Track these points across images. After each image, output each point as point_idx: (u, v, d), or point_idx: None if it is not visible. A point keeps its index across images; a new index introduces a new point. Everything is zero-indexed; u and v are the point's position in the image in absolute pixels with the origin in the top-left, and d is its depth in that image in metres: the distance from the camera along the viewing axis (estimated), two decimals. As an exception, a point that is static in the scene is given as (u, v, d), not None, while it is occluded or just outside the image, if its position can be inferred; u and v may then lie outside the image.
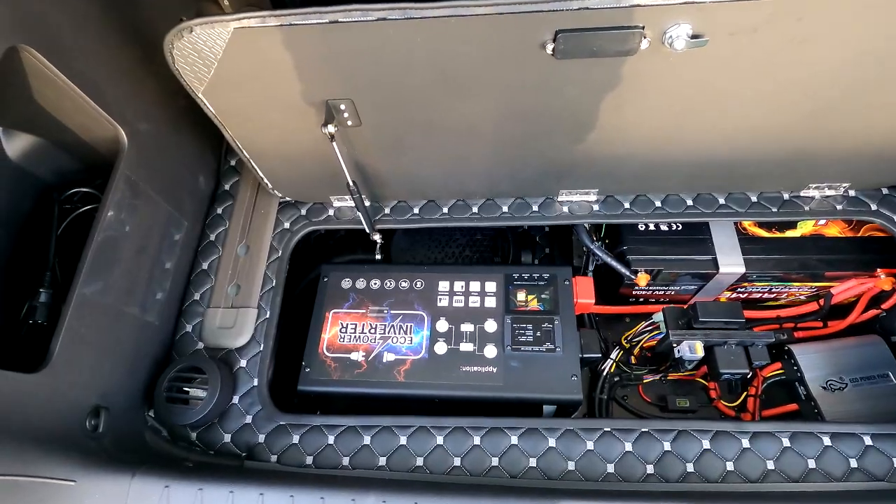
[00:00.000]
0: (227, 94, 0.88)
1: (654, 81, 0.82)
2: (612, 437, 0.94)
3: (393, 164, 1.08)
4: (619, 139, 0.97)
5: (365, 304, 1.21)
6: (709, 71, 0.80)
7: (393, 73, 0.83)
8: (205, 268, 1.18)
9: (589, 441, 0.94)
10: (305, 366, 1.14)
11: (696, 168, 1.07)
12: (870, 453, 0.90)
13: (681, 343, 1.10)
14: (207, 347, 1.09)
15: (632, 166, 1.06)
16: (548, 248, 1.57)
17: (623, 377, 1.32)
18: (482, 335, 1.15)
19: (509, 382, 1.08)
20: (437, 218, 1.20)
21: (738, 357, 1.10)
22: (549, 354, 1.11)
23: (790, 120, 0.90)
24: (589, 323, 1.39)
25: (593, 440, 0.94)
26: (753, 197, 1.15)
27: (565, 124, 0.93)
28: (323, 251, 1.46)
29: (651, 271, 1.23)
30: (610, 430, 0.95)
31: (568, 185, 1.15)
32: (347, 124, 0.94)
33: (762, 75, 0.80)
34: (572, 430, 0.96)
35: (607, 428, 0.95)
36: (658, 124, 0.93)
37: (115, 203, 0.93)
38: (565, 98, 0.87)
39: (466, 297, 1.20)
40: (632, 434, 0.94)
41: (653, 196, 1.18)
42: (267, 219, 1.22)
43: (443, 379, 1.10)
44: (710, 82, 0.82)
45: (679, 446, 0.93)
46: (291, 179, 1.14)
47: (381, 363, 1.13)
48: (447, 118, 0.94)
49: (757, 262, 1.20)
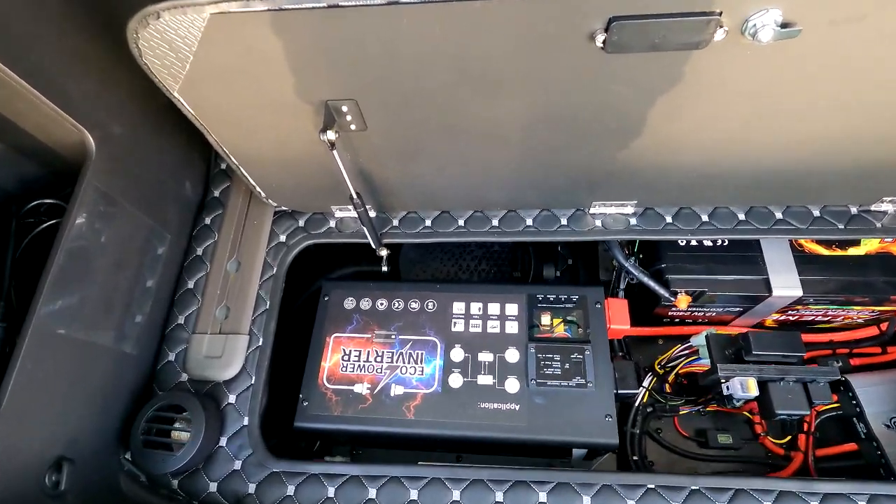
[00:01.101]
0: (208, 92, 0.74)
1: (725, 81, 0.68)
2: (656, 496, 0.81)
3: (403, 173, 0.94)
4: (669, 147, 0.83)
5: (370, 327, 1.08)
6: (795, 68, 0.65)
7: (406, 70, 0.69)
8: (190, 287, 1.05)
9: (630, 500, 0.81)
10: (303, 399, 1.01)
11: (753, 179, 0.92)
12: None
13: (731, 379, 0.97)
14: (192, 379, 0.96)
15: (679, 176, 0.92)
16: (570, 260, 1.43)
17: (657, 408, 1.19)
18: (503, 366, 1.01)
19: (534, 422, 0.95)
20: (452, 232, 1.06)
21: (797, 395, 0.96)
22: (579, 390, 0.97)
23: (887, 126, 0.75)
24: (619, 346, 1.25)
25: (635, 499, 0.81)
26: (816, 211, 1.01)
27: (608, 129, 0.79)
28: (324, 260, 1.33)
29: (693, 292, 1.09)
30: (654, 486, 0.82)
31: (602, 196, 1.01)
32: (350, 128, 0.80)
33: (862, 73, 0.65)
34: (610, 486, 0.83)
35: (651, 485, 0.82)
36: (719, 131, 0.78)
37: (82, 214, 0.80)
38: (612, 99, 0.73)
39: (484, 320, 1.07)
40: (680, 493, 0.81)
41: (699, 209, 1.03)
42: (260, 231, 1.09)
43: (458, 417, 0.97)
44: (793, 81, 0.67)
45: (735, 509, 0.79)
46: (287, 188, 1.01)
47: (389, 397, 1.00)
48: (470, 122, 0.79)
49: (815, 284, 1.06)
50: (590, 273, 1.37)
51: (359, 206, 0.91)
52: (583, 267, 1.40)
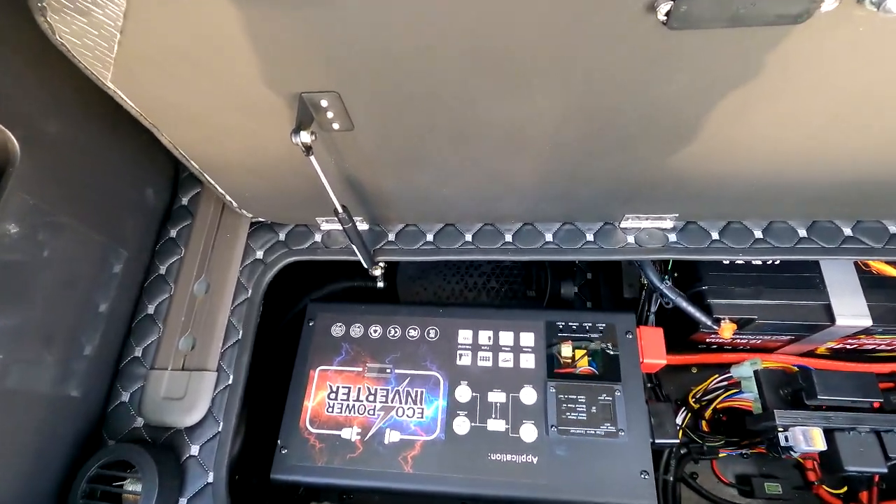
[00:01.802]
0: (150, 83, 0.58)
1: (822, 68, 0.51)
2: (710, 583, 0.66)
3: (400, 181, 0.78)
4: (730, 152, 0.67)
5: (362, 359, 0.92)
6: (890, 59, 0.49)
7: (402, 58, 0.53)
8: (151, 312, 0.89)
9: (677, 589, 0.66)
10: (282, 446, 0.86)
11: (826, 190, 0.76)
12: None
13: (791, 428, 0.81)
14: (148, 425, 0.81)
15: (735, 187, 0.76)
16: (590, 274, 1.27)
17: (692, 449, 1.03)
18: (517, 408, 0.86)
19: (555, 478, 0.80)
20: (458, 248, 0.90)
21: (870, 448, 0.80)
22: (608, 440, 0.82)
23: None
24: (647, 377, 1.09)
25: (684, 588, 0.66)
26: (892, 227, 0.84)
27: (659, 131, 0.63)
28: (312, 274, 1.17)
29: (739, 319, 0.93)
30: (707, 571, 0.66)
31: (637, 209, 0.85)
32: (333, 127, 0.64)
33: None
34: (652, 568, 0.67)
35: (703, 569, 0.67)
36: (796, 133, 0.62)
37: (10, 225, 0.65)
38: (669, 93, 0.57)
39: (496, 352, 0.91)
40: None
41: (751, 223, 0.87)
42: (234, 246, 0.93)
43: (465, 471, 0.82)
44: (887, 76, 0.51)
45: None
46: (262, 197, 0.85)
47: (383, 445, 0.85)
48: (486, 124, 0.64)
49: (887, 312, 0.90)
50: (613, 291, 1.21)
51: (345, 221, 0.75)
52: (604, 283, 1.24)
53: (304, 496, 1.03)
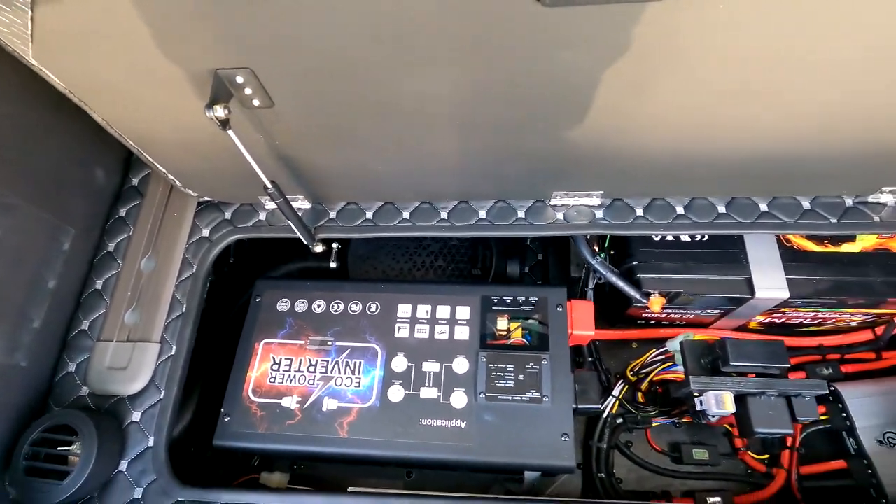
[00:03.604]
0: (70, 60, 0.61)
1: (697, 43, 0.55)
2: (613, 532, 0.70)
3: (331, 158, 0.81)
4: (636, 128, 0.70)
5: (305, 332, 0.96)
6: (788, 26, 0.52)
7: (309, 32, 0.56)
8: (98, 287, 0.93)
9: (582, 538, 0.70)
10: (225, 414, 0.90)
11: (735, 166, 0.80)
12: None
13: (705, 393, 0.85)
14: (93, 394, 0.85)
15: (650, 163, 0.79)
16: (540, 255, 1.31)
17: (628, 419, 1.08)
18: (450, 377, 0.90)
19: (482, 442, 0.84)
20: (396, 225, 0.94)
21: (779, 411, 0.85)
22: (533, 406, 0.86)
23: (884, 102, 0.63)
24: (588, 351, 1.14)
25: (588, 537, 0.70)
26: (806, 203, 0.89)
27: (561, 107, 0.66)
28: (275, 255, 1.21)
29: (667, 294, 0.97)
30: (610, 522, 0.71)
31: (564, 186, 0.88)
32: (253, 104, 0.67)
33: (873, 31, 0.53)
34: (560, 520, 0.72)
35: (607, 519, 0.71)
36: (691, 109, 0.66)
37: None
38: (559, 69, 0.60)
39: (432, 325, 0.95)
40: (640, 530, 0.70)
41: (673, 200, 0.91)
42: (181, 224, 0.96)
43: (397, 435, 0.86)
44: (784, 44, 0.55)
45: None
46: (203, 175, 0.88)
47: (320, 412, 0.89)
48: (397, 98, 0.67)
49: (804, 285, 0.94)
50: (561, 270, 1.25)
51: (276, 196, 0.78)
52: (554, 263, 1.28)
53: (258, 466, 1.07)
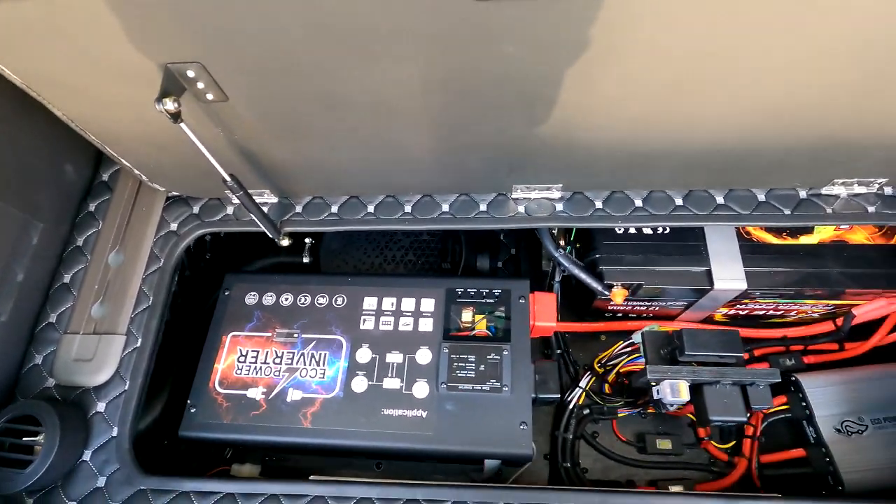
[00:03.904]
0: (26, 54, 0.63)
1: (634, 37, 0.56)
2: (561, 516, 0.72)
3: (292, 152, 0.83)
4: (587, 121, 0.72)
5: (272, 325, 0.97)
6: (723, 20, 0.54)
7: (258, 27, 0.57)
8: (67, 281, 0.94)
9: (532, 522, 0.72)
10: (191, 405, 0.91)
11: (689, 159, 0.81)
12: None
13: (661, 382, 0.87)
14: (59, 385, 0.86)
15: (606, 156, 0.81)
16: (513, 249, 1.32)
17: (594, 410, 1.10)
18: (412, 368, 0.91)
19: (442, 431, 0.86)
20: (360, 219, 0.95)
21: (734, 400, 0.86)
22: (493, 395, 0.88)
23: (830, 95, 0.64)
24: (556, 343, 1.16)
25: (537, 521, 0.72)
26: (761, 195, 0.90)
27: (512, 99, 0.68)
28: (244, 252, 1.22)
29: (629, 286, 0.99)
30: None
31: (524, 179, 0.90)
32: (207, 98, 0.68)
33: (804, 29, 0.54)
34: None
35: (557, 503, 0.73)
36: (639, 101, 0.67)
37: None
38: (503, 64, 0.62)
39: (397, 317, 0.97)
40: (587, 514, 0.72)
41: (632, 193, 0.92)
42: (149, 218, 0.98)
43: (359, 425, 0.87)
44: (723, 39, 0.56)
45: (651, 532, 0.70)
46: (167, 169, 0.89)
47: (285, 403, 0.90)
48: (349, 92, 0.68)
49: (762, 277, 0.96)
50: (532, 264, 1.27)
51: (235, 190, 0.80)
52: (525, 258, 1.29)
53: (230, 458, 1.08)
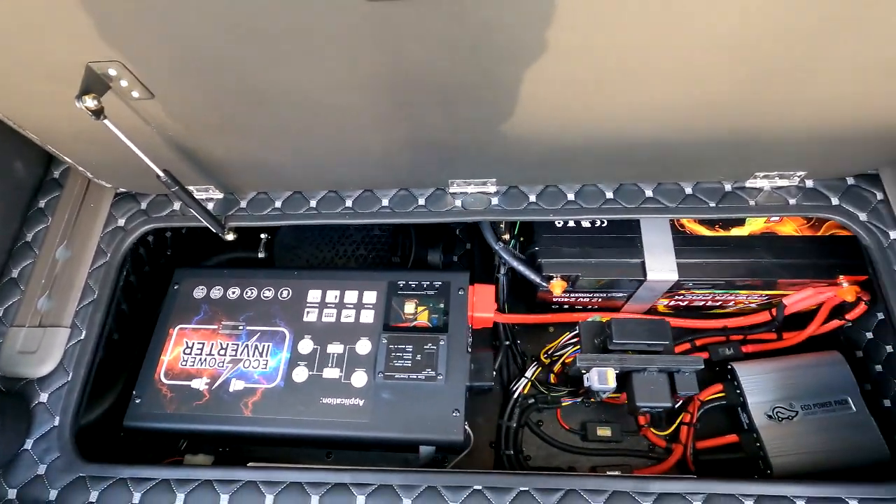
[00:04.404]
0: (-51, 53, 0.65)
1: (538, 36, 0.59)
2: (481, 497, 0.75)
3: (228, 149, 0.85)
4: (505, 118, 0.74)
5: (218, 317, 1.00)
6: (618, 23, 0.56)
7: (173, 24, 0.60)
8: (14, 276, 0.96)
9: (452, 503, 0.75)
10: (136, 396, 0.93)
11: (612, 153, 0.84)
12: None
13: (590, 370, 0.90)
14: (4, 377, 0.88)
15: (531, 151, 0.84)
16: (468, 244, 1.35)
17: (539, 399, 1.12)
18: (352, 358, 0.94)
19: (377, 418, 0.88)
20: (303, 214, 0.97)
21: (660, 387, 0.89)
22: (428, 384, 0.90)
23: (722, 91, 0.67)
24: (504, 335, 1.18)
25: (458, 501, 0.75)
26: (688, 188, 0.93)
27: (430, 97, 0.70)
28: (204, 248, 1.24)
29: (567, 277, 1.02)
30: (480, 488, 0.75)
31: (459, 175, 0.93)
32: (133, 96, 0.71)
33: (680, 27, 0.57)
34: (435, 487, 0.76)
35: (478, 486, 0.75)
36: (552, 98, 0.70)
37: None
38: (414, 61, 0.64)
39: (339, 309, 0.99)
40: (506, 494, 0.75)
41: (565, 187, 0.95)
42: (96, 214, 1.00)
43: (298, 414, 0.90)
44: (619, 38, 0.59)
45: (565, 511, 0.73)
46: (108, 166, 0.92)
47: (227, 393, 0.93)
48: (274, 88, 0.71)
49: (693, 268, 0.99)
50: (485, 258, 1.29)
51: (171, 186, 0.82)
52: (479, 252, 1.32)
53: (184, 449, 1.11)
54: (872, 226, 0.87)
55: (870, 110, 0.72)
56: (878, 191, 0.89)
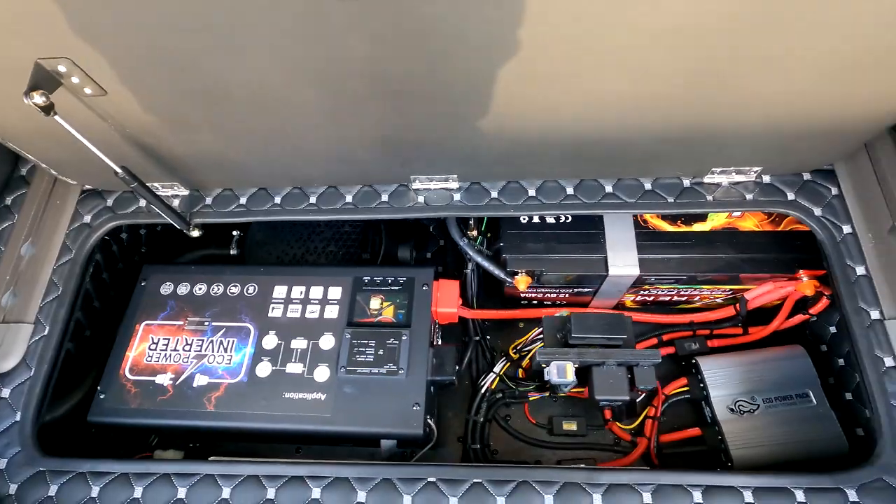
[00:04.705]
0: None
1: (475, 28, 0.60)
2: (435, 489, 0.76)
3: (189, 146, 0.86)
4: (454, 114, 0.75)
5: (184, 314, 1.00)
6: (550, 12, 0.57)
7: (119, 22, 0.60)
8: (-20, 273, 0.96)
9: (407, 496, 0.75)
10: (101, 391, 0.94)
11: (572, 149, 0.85)
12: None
13: (550, 364, 0.91)
14: (-33, 373, 0.89)
15: (492, 147, 0.84)
16: (442, 241, 1.36)
17: (507, 394, 1.13)
18: (315, 354, 0.95)
19: (339, 413, 0.89)
20: (267, 210, 0.98)
21: (618, 380, 0.90)
22: (389, 378, 0.91)
23: (670, 87, 0.68)
24: (474, 330, 1.19)
25: (412, 493, 0.75)
26: (648, 184, 0.94)
27: (375, 93, 0.71)
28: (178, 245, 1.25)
29: (532, 272, 1.02)
30: (435, 480, 0.76)
31: (420, 171, 0.93)
32: (85, 92, 0.71)
33: (623, 22, 0.58)
34: (390, 479, 0.77)
35: (432, 478, 0.76)
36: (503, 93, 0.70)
37: None
38: (359, 57, 0.65)
39: (304, 305, 1.00)
40: (460, 486, 0.75)
41: (527, 183, 0.96)
42: (62, 211, 1.00)
43: (260, 408, 0.91)
44: (554, 29, 0.59)
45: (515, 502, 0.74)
46: (69, 163, 0.92)
47: (191, 388, 0.93)
48: (227, 84, 0.71)
49: (655, 263, 1.00)
50: (458, 254, 1.30)
51: (129, 182, 0.82)
52: (451, 248, 1.33)
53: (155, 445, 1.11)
54: (827, 220, 0.88)
55: (819, 107, 0.73)
56: (833, 186, 0.90)
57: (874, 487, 0.71)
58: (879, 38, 0.59)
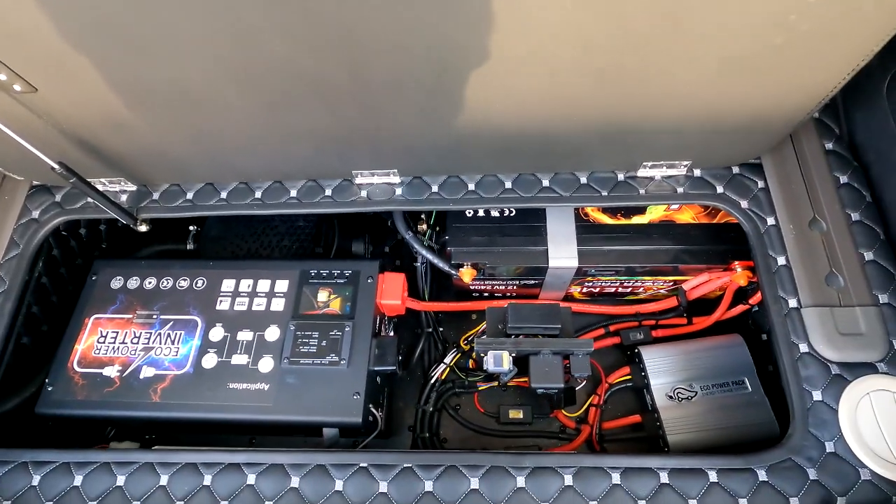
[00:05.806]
0: None
1: (383, 26, 0.61)
2: (366, 474, 0.78)
3: (125, 141, 0.87)
4: (380, 110, 0.77)
5: (133, 307, 1.02)
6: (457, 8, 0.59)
7: (40, 19, 0.61)
8: (-73, 269, 0.97)
9: (339, 480, 0.78)
10: (48, 384, 0.96)
11: (502, 144, 0.87)
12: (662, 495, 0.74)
13: (487, 353, 0.93)
14: (-88, 367, 0.90)
15: (426, 143, 0.87)
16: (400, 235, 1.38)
17: (456, 383, 1.16)
18: (261, 345, 0.97)
19: (280, 402, 0.91)
20: (213, 205, 1.00)
21: (554, 369, 0.93)
22: (331, 368, 0.93)
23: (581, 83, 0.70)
24: (426, 322, 1.22)
25: (344, 479, 0.78)
26: (583, 178, 0.96)
27: (300, 91, 0.73)
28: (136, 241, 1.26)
29: (476, 265, 1.05)
30: (366, 465, 0.79)
31: (361, 165, 0.95)
32: (15, 89, 0.73)
33: (526, 17, 0.60)
34: (323, 465, 0.79)
35: (364, 464, 0.79)
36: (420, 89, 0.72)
37: None
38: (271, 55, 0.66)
39: (252, 297, 1.02)
40: (390, 471, 0.78)
41: (467, 177, 0.98)
42: (10, 207, 1.02)
43: (205, 399, 0.93)
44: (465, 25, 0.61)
45: (444, 486, 0.77)
46: (14, 159, 0.93)
47: (137, 380, 0.95)
48: (152, 81, 0.72)
49: (594, 255, 1.03)
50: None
51: (67, 177, 0.84)
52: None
53: (112, 437, 1.13)
54: (752, 213, 0.91)
55: (730, 103, 0.75)
56: (759, 179, 0.93)
57: (783, 467, 0.74)
58: (771, 37, 0.61)
